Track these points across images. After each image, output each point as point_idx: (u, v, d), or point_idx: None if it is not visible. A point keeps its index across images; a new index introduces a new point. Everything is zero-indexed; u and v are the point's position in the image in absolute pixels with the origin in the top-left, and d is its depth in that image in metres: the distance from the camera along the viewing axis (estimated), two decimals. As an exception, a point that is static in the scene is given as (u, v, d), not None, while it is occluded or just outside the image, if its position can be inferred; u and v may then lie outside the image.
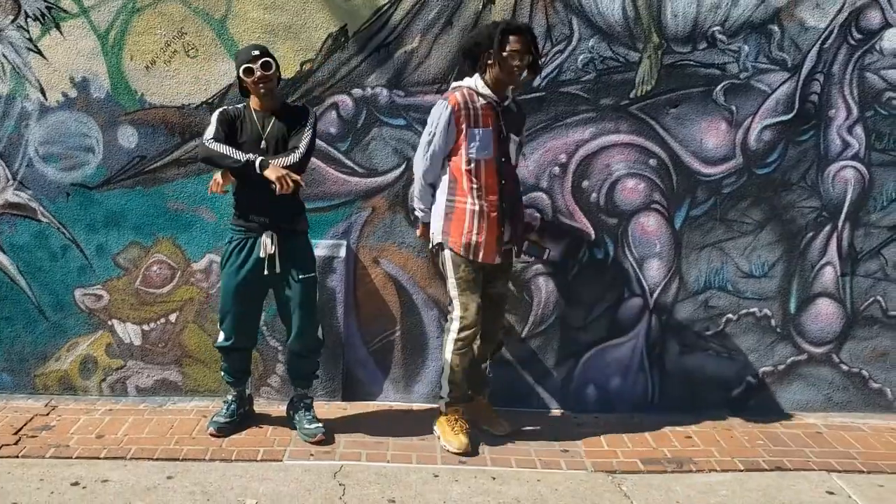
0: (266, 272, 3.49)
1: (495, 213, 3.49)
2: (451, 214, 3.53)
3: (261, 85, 3.43)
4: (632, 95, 3.97)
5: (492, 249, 3.52)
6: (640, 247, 4.09)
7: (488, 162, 3.47)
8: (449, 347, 3.60)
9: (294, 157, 3.44)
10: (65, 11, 3.84)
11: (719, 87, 3.97)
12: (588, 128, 3.99)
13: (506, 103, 3.51)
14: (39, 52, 3.88)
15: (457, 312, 3.58)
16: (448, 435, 3.63)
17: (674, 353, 4.16)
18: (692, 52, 3.95)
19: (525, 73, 3.49)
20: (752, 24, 3.93)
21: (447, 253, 3.55)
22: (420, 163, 3.57)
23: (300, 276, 3.55)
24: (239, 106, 3.57)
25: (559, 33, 3.91)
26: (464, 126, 3.45)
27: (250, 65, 3.40)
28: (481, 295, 3.64)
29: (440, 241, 3.57)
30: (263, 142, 3.48)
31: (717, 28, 3.93)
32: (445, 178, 3.54)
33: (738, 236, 4.09)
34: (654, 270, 4.10)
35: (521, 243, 3.69)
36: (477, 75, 3.49)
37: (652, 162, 4.03)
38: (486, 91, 3.46)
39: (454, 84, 3.59)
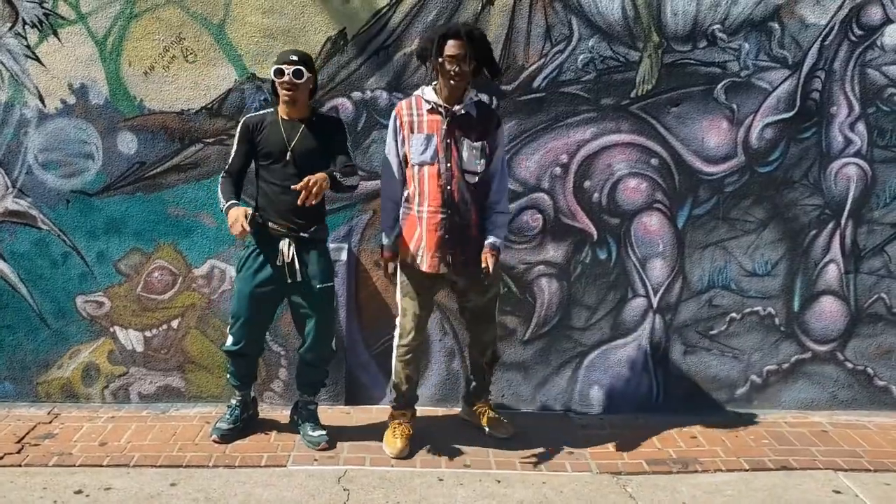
0: (289, 280, 3.43)
1: (437, 220, 3.41)
2: (405, 220, 3.51)
3: (286, 91, 3.37)
4: (632, 95, 3.95)
5: (434, 258, 3.42)
6: (643, 247, 4.08)
7: (430, 168, 3.41)
8: (393, 354, 3.63)
9: (358, 179, 3.53)
10: (62, 18, 3.83)
11: (720, 86, 3.95)
12: (589, 128, 3.98)
13: (455, 108, 3.38)
14: (37, 59, 3.87)
15: (398, 318, 3.59)
16: (387, 439, 3.64)
17: (678, 352, 4.14)
18: (692, 50, 3.94)
19: (467, 77, 3.33)
20: (753, 22, 3.91)
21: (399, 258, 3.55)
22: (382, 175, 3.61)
23: (318, 286, 3.52)
24: (267, 111, 3.53)
25: (559, 33, 3.90)
26: (406, 132, 3.44)
27: (282, 67, 3.35)
28: (461, 308, 3.68)
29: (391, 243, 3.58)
30: (289, 153, 3.41)
31: (718, 26, 3.92)
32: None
33: (740, 235, 4.08)
34: (658, 270, 4.09)
35: (474, 257, 3.43)
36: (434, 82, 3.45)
37: (653, 161, 4.01)
38: (432, 97, 3.41)
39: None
